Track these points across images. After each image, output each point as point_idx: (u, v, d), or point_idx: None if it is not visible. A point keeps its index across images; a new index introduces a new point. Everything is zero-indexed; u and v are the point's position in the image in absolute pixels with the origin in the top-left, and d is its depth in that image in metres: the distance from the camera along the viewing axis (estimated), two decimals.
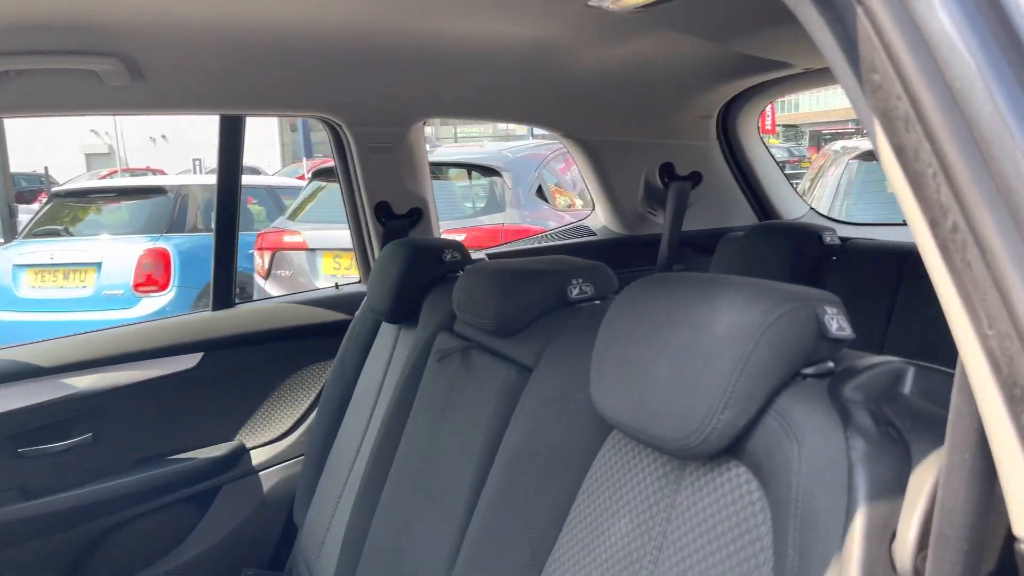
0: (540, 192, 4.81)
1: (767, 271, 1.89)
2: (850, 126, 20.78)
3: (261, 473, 2.09)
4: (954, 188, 0.48)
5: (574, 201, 5.17)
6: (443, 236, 2.25)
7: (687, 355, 0.76)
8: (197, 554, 2.00)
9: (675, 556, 0.81)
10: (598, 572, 0.91)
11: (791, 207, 2.52)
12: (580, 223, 2.57)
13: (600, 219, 2.51)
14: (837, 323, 0.73)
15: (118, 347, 1.94)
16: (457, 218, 4.61)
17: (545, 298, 1.20)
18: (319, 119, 2.01)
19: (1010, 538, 0.59)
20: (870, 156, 4.24)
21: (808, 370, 0.74)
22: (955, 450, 0.54)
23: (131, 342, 1.96)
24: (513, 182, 4.71)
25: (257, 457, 2.09)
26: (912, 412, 0.66)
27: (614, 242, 2.43)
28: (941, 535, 0.54)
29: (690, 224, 2.25)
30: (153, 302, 5.61)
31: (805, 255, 1.91)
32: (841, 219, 2.99)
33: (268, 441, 2.12)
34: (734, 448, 0.75)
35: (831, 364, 0.75)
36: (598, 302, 1.22)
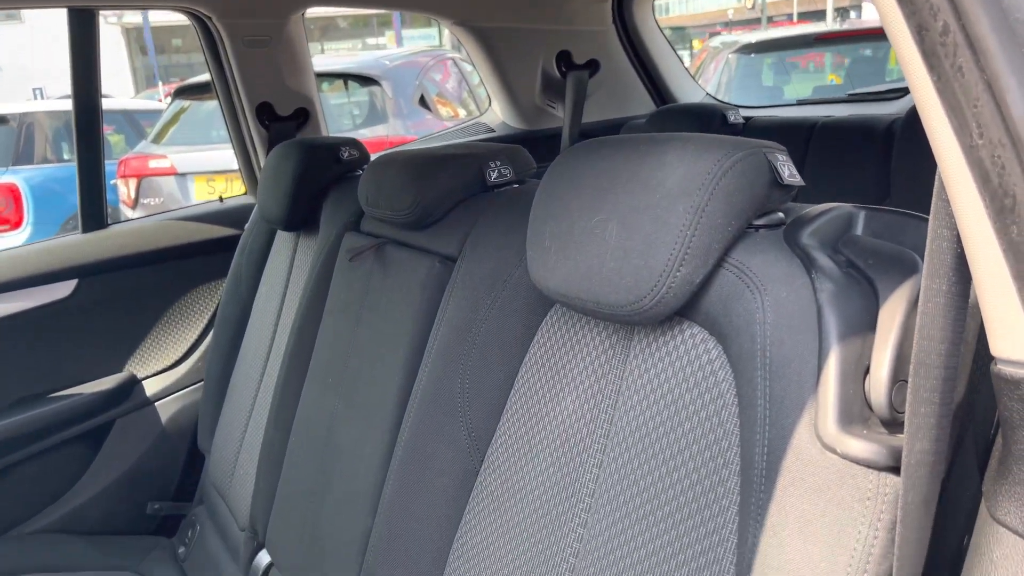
0: (423, 101, 4.65)
1: None
2: (719, 28, 21.12)
3: (157, 404, 1.96)
4: None
5: (457, 111, 5.04)
6: None
7: (637, 215, 0.71)
8: (93, 495, 1.87)
9: (628, 427, 0.79)
10: (545, 455, 0.89)
11: (689, 92, 2.50)
12: (476, 120, 2.47)
13: (497, 115, 2.42)
14: (788, 169, 0.71)
15: None
16: (337, 132, 4.40)
17: (464, 183, 1.13)
18: (185, 11, 1.81)
19: (981, 361, 0.59)
20: (748, 49, 4.30)
21: (760, 221, 0.71)
22: (932, 276, 0.52)
23: None
24: (393, 91, 4.53)
25: (151, 387, 1.96)
26: (872, 251, 0.64)
27: (514, 138, 2.36)
28: (920, 364, 0.53)
29: (590, 116, 2.21)
30: (7, 243, 5.15)
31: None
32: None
33: (162, 370, 1.98)
34: (686, 309, 0.73)
35: (781, 215, 0.73)
36: (517, 185, 1.16)
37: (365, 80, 4.56)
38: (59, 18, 1.96)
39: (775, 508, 0.60)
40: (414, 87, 4.65)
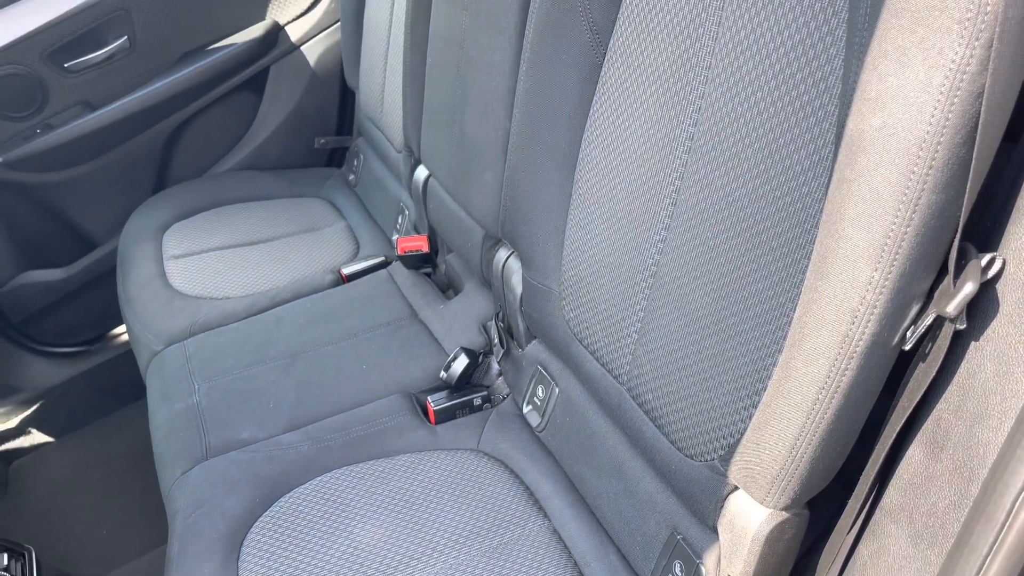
0: None
1: None
2: None
3: (303, 47, 2.08)
4: None
5: None
6: None
7: None
8: (268, 135, 2.09)
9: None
10: (663, 36, 0.92)
11: None
12: None
13: None
14: None
15: None
16: None
17: None
18: None
19: None
20: None
21: None
22: None
23: None
24: None
25: (295, 32, 2.06)
26: None
27: None
28: None
29: None
30: None
31: None
32: None
33: (301, 13, 2.07)
34: None
35: None
36: None
37: None
38: None
39: (876, 43, 0.62)
40: None
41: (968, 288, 0.62)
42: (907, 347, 0.69)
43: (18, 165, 1.85)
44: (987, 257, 0.64)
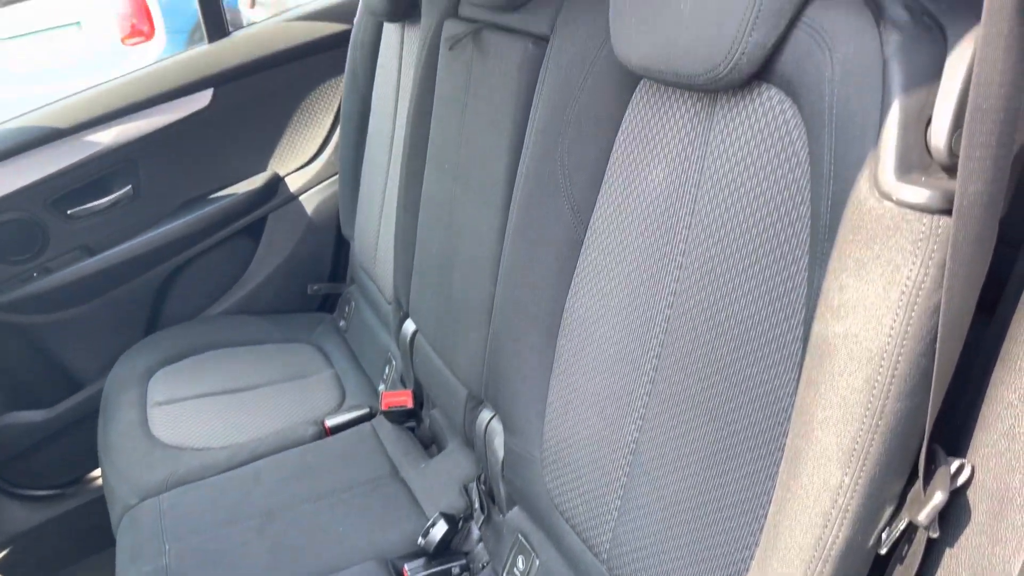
0: None
1: None
2: None
3: (302, 197, 2.15)
4: None
5: None
6: None
7: None
8: (263, 279, 2.13)
9: (712, 190, 0.84)
10: (638, 222, 0.96)
11: None
12: None
13: None
14: None
15: (129, 97, 1.91)
16: None
17: None
18: None
19: None
20: None
21: None
22: (991, 20, 0.53)
23: (140, 90, 1.93)
24: None
25: (294, 183, 2.14)
26: None
27: None
28: (976, 108, 0.54)
29: None
30: (143, 53, 5.39)
31: None
32: None
33: (301, 166, 2.15)
34: (764, 71, 0.74)
35: None
36: None
37: None
38: None
39: (836, 254, 0.65)
40: None
41: (938, 498, 0.62)
42: (883, 551, 0.68)
43: (12, 307, 1.87)
44: (956, 463, 0.64)
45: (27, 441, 1.96)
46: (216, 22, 2.00)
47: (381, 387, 1.77)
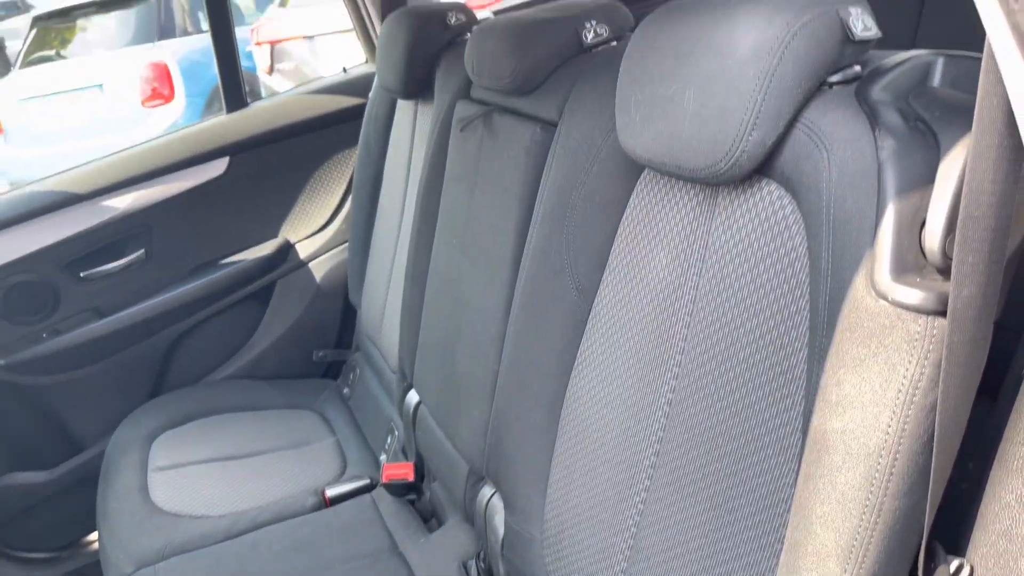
0: None
1: None
2: None
3: (311, 264, 2.18)
4: None
5: None
6: None
7: (712, 82, 0.75)
8: (269, 344, 2.15)
9: (714, 280, 0.86)
10: (641, 306, 0.97)
11: None
12: None
13: None
14: (862, 23, 0.72)
15: (146, 164, 1.96)
16: None
17: (560, 47, 1.16)
18: None
19: None
20: None
21: (835, 77, 0.73)
22: (982, 132, 0.55)
23: (157, 158, 1.98)
24: None
25: (304, 250, 2.17)
26: (941, 102, 0.66)
27: None
28: (968, 216, 0.56)
29: None
30: (163, 115, 5.52)
31: None
32: None
33: (311, 233, 2.19)
34: (764, 167, 0.77)
35: (858, 68, 0.74)
36: (615, 43, 1.19)
37: None
38: None
39: (834, 351, 0.66)
40: None
41: None
42: None
43: (19, 368, 1.88)
44: (955, 563, 0.64)
45: (26, 502, 1.95)
46: (235, 94, 2.06)
47: (383, 457, 1.76)
